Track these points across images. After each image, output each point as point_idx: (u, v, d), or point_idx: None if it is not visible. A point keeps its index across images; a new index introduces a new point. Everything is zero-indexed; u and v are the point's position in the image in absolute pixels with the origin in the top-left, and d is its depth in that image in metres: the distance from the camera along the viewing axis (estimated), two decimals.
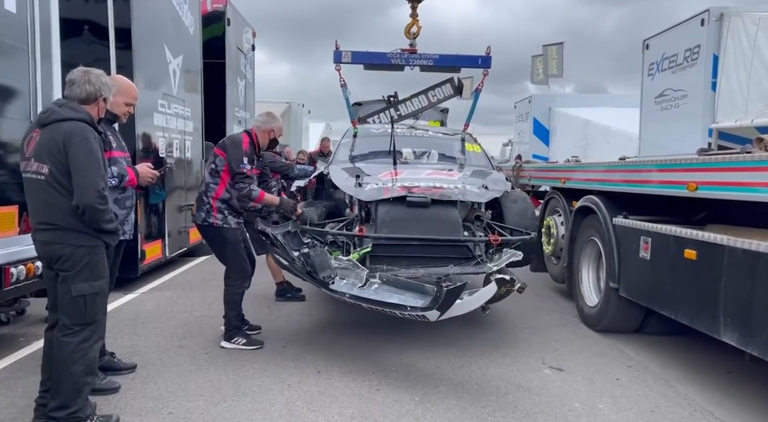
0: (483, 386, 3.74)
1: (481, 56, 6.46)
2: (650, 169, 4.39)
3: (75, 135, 2.78)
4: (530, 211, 4.97)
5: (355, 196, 4.72)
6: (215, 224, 4.24)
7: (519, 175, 7.48)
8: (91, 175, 2.78)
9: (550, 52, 28.54)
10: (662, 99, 8.52)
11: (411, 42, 6.63)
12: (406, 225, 4.33)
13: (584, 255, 5.52)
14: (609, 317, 4.90)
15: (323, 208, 5.09)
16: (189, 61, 7.73)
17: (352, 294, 3.77)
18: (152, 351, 4.24)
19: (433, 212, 4.41)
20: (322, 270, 3.89)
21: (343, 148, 6.32)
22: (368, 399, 3.47)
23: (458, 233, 4.37)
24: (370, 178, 4.94)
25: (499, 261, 4.16)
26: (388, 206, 4.46)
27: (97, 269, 2.90)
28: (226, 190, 4.24)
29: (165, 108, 6.88)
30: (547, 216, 6.68)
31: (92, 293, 2.87)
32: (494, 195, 4.80)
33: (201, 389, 3.55)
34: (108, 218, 2.88)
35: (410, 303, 3.53)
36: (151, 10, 6.53)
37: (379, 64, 6.69)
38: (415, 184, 4.71)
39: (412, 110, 6.80)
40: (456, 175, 5.16)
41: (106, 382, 3.48)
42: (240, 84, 10.39)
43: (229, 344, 4.33)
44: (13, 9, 4.15)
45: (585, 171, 5.64)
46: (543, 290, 6.75)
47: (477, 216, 4.75)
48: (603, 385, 3.84)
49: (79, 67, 3.02)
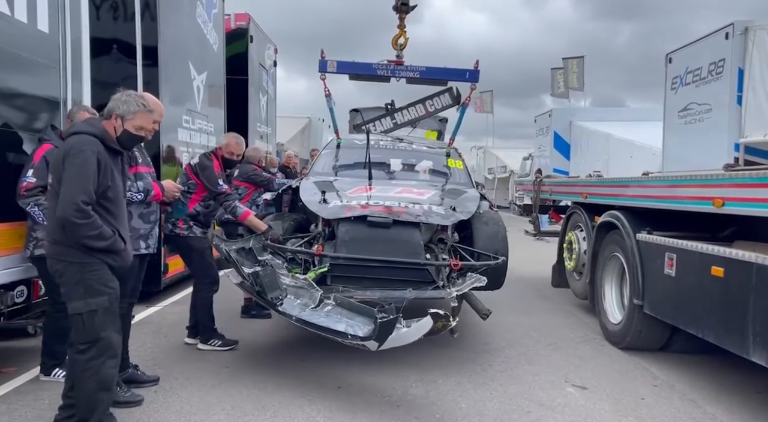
0: (505, 404, 3.70)
1: (468, 70, 6.31)
2: (675, 185, 4.33)
3: (74, 147, 2.78)
4: (501, 234, 4.72)
5: (317, 212, 4.63)
6: (181, 234, 4.52)
7: (539, 190, 7.42)
8: (74, 187, 2.72)
9: (571, 65, 28.48)
10: (686, 113, 8.40)
11: (398, 53, 6.55)
12: (365, 246, 4.19)
13: (607, 271, 5.46)
14: (633, 334, 4.81)
15: (291, 222, 5.00)
16: (213, 78, 7.87)
17: (297, 317, 3.67)
18: (174, 364, 4.28)
19: (395, 233, 4.27)
20: (270, 291, 3.80)
21: (323, 159, 6.24)
22: (389, 416, 3.46)
23: (419, 255, 4.21)
24: (336, 193, 4.84)
25: (462, 287, 3.99)
26: (349, 225, 4.35)
27: (92, 286, 2.81)
28: (195, 208, 4.55)
29: (189, 123, 7.00)
30: (569, 231, 6.63)
31: (89, 311, 2.79)
32: (461, 217, 4.64)
33: (222, 403, 3.57)
34: (91, 234, 2.75)
35: (352, 332, 3.43)
36: (176, 28, 6.68)
37: (364, 74, 6.62)
38: (380, 202, 4.59)
39: (408, 119, 6.76)
40: (426, 194, 4.97)
41: (130, 395, 3.51)
42: (262, 99, 10.52)
43: (207, 346, 4.59)
44: (46, 29, 4.27)
45: (607, 186, 5.59)
46: (565, 306, 6.68)
47: (440, 238, 4.62)
48: (628, 404, 3.77)
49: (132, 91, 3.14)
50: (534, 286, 7.90)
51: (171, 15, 6.47)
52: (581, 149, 17.27)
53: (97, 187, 2.79)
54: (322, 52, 6.33)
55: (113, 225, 2.87)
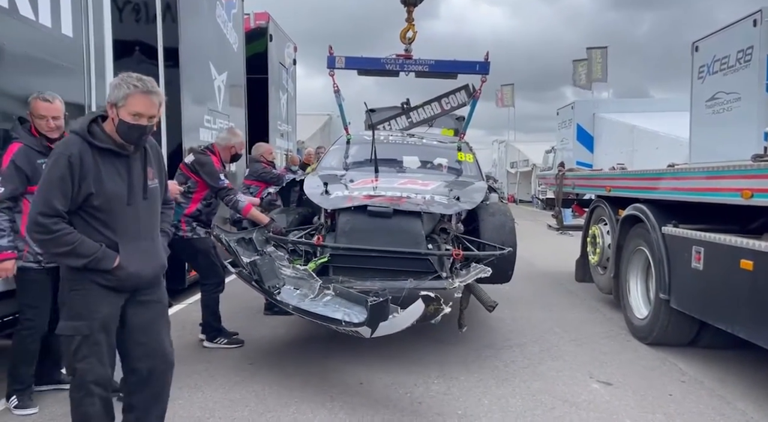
0: (528, 400, 3.67)
1: (479, 62, 6.18)
2: (701, 176, 4.23)
3: (55, 149, 2.46)
4: (508, 225, 4.63)
5: (318, 203, 4.63)
6: (184, 236, 4.51)
7: (562, 183, 7.33)
8: (36, 197, 2.36)
9: (595, 56, 28.10)
10: (714, 102, 8.21)
11: (406, 47, 6.44)
12: (366, 236, 4.17)
13: (632, 265, 5.37)
14: (660, 329, 4.73)
15: (296, 215, 5.01)
16: (233, 77, 7.93)
17: (294, 305, 3.67)
18: (199, 361, 4.33)
19: (395, 223, 4.22)
20: (268, 280, 3.81)
21: (331, 155, 6.24)
22: (410, 412, 3.45)
23: (420, 246, 4.15)
24: (338, 185, 4.82)
25: (466, 277, 3.95)
26: (349, 215, 4.31)
27: (74, 308, 2.42)
28: (197, 208, 4.56)
29: (210, 123, 7.07)
30: (593, 225, 6.54)
31: (68, 335, 2.43)
32: (464, 207, 4.58)
33: (246, 399, 3.60)
34: (60, 251, 2.35)
35: (347, 319, 3.40)
36: (197, 29, 6.74)
37: (372, 69, 6.55)
38: (382, 193, 4.55)
39: (424, 117, 6.70)
40: (431, 185, 4.90)
41: None
42: (282, 98, 10.58)
43: (212, 344, 4.65)
44: (70, 33, 4.35)
45: (631, 178, 5.49)
46: (589, 301, 6.59)
47: (443, 228, 4.56)
48: (655, 401, 3.71)
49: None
50: (558, 281, 7.82)
51: (191, 16, 6.53)
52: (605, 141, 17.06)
53: (77, 195, 2.34)
54: (330, 49, 6.33)
55: (108, 237, 2.41)
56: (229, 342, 4.66)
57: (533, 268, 9.07)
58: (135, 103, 2.40)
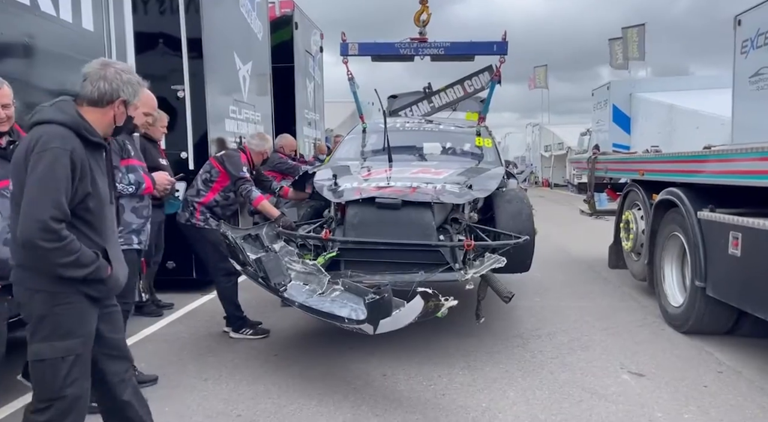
0: (555, 392, 3.57)
1: (496, 42, 5.93)
2: (738, 158, 4.02)
3: (39, 144, 2.07)
4: (525, 213, 4.46)
5: (326, 197, 4.53)
6: (197, 225, 4.57)
7: (594, 167, 7.11)
8: (39, 199, 2.03)
9: (630, 35, 27.21)
10: (758, 78, 7.81)
11: (421, 30, 6.25)
12: (374, 229, 4.07)
13: (667, 252, 5.17)
14: (696, 318, 4.55)
15: (308, 208, 4.94)
16: (258, 67, 7.92)
17: (300, 303, 3.61)
18: (225, 351, 4.37)
19: (405, 214, 4.10)
20: (274, 277, 3.75)
21: (346, 145, 6.13)
22: (433, 405, 3.41)
23: (430, 237, 4.03)
24: (348, 177, 4.72)
25: (480, 268, 3.82)
26: (357, 208, 4.20)
27: (62, 325, 2.12)
28: (214, 198, 4.60)
29: (236, 114, 7.08)
30: (626, 210, 6.33)
31: (53, 358, 2.11)
32: (477, 195, 4.42)
33: (269, 391, 3.61)
34: (64, 261, 2.06)
35: (354, 316, 3.32)
36: (220, 20, 6.73)
37: (386, 55, 6.39)
38: (392, 183, 4.43)
39: (447, 101, 6.53)
40: (444, 174, 4.73)
41: None
42: (309, 86, 10.55)
43: (238, 334, 4.67)
44: (91, 28, 4.39)
45: (665, 161, 5.27)
46: (623, 288, 6.40)
47: (454, 218, 4.40)
48: (689, 393, 3.57)
49: (99, 58, 2.34)
50: (591, 267, 7.62)
51: (214, 7, 6.51)
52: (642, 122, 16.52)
53: (73, 196, 2.10)
54: (342, 35, 6.23)
55: (97, 243, 2.19)
56: (254, 333, 4.68)
57: (567, 254, 8.88)
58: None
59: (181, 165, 6.00)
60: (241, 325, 4.69)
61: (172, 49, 6.16)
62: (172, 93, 6.16)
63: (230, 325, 4.76)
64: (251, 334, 4.66)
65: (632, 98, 17.22)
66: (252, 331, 4.68)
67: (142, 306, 5.38)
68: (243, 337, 4.64)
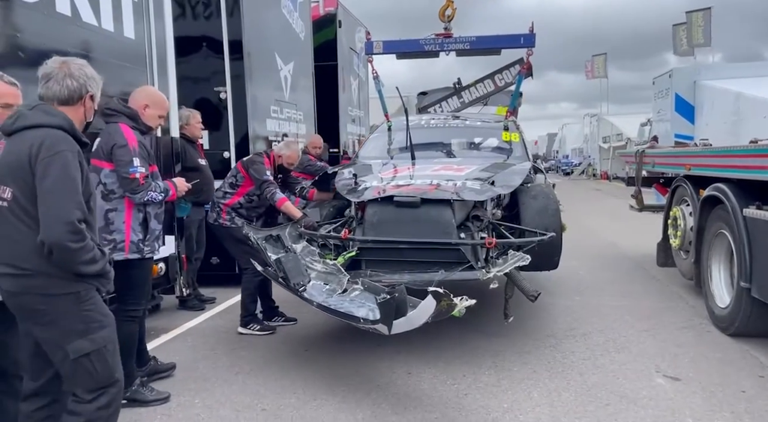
0: (581, 395, 3.49)
1: (523, 35, 5.80)
2: None
3: (45, 148, 2.13)
4: (551, 208, 4.34)
5: (346, 196, 4.55)
6: (224, 224, 4.75)
7: (641, 161, 6.85)
8: (61, 201, 2.11)
9: (695, 19, 25.93)
10: None
11: (446, 25, 6.20)
12: (393, 227, 4.06)
13: (714, 250, 4.94)
14: (742, 320, 4.33)
15: (331, 208, 4.97)
16: (300, 66, 8.05)
17: (318, 303, 3.63)
18: (258, 346, 4.49)
19: (424, 212, 4.06)
20: (293, 277, 3.79)
21: (371, 143, 6.13)
22: (454, 404, 3.40)
23: (450, 235, 3.98)
24: (368, 176, 4.71)
25: (503, 267, 3.74)
26: (377, 207, 4.19)
27: (94, 319, 2.27)
28: (238, 201, 4.77)
29: (277, 113, 7.23)
30: (674, 206, 6.08)
31: (96, 349, 2.25)
32: (499, 191, 4.33)
33: (295, 386, 3.70)
34: (86, 258, 2.17)
35: (371, 316, 3.30)
36: (262, 22, 6.88)
37: (411, 52, 6.37)
38: (412, 181, 4.40)
39: (477, 96, 6.42)
40: (466, 170, 4.66)
41: (155, 393, 3.50)
42: (353, 83, 10.63)
43: (245, 330, 4.79)
44: (132, 36, 4.59)
45: (712, 156, 5.02)
46: (671, 287, 6.16)
47: (476, 215, 4.32)
48: (725, 398, 3.41)
49: (54, 58, 2.37)
50: (640, 265, 7.36)
51: (255, 9, 6.67)
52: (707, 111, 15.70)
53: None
54: (367, 34, 6.26)
55: (94, 240, 2.27)
56: (261, 329, 4.78)
57: (615, 250, 8.61)
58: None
59: (224, 164, 6.19)
60: (250, 321, 4.80)
61: (214, 51, 6.36)
62: (214, 94, 6.37)
63: (270, 319, 4.92)
64: (258, 330, 4.76)
65: (696, 86, 16.38)
66: (259, 327, 4.78)
67: (185, 301, 5.61)
68: (250, 333, 4.75)
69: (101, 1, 4.19)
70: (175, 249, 5.02)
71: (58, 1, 3.77)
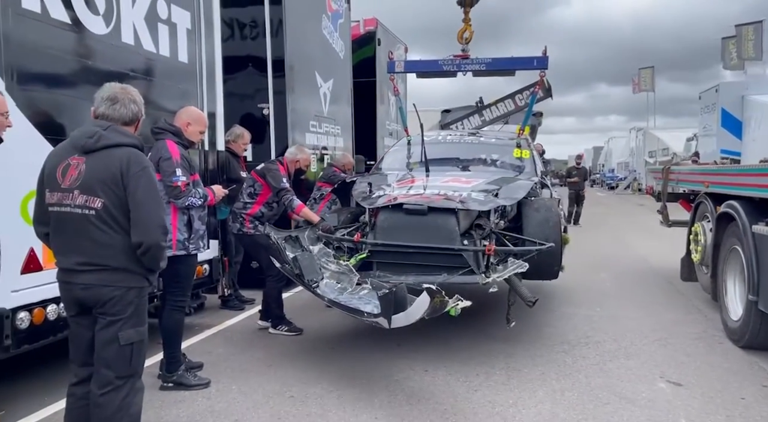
0: (584, 394, 3.75)
1: (537, 57, 6.10)
2: None
3: (134, 164, 2.49)
4: (552, 221, 4.61)
5: (360, 203, 4.93)
6: (248, 232, 5.05)
7: (667, 178, 7.00)
8: (155, 209, 2.55)
9: (746, 33, 25.34)
10: None
11: (463, 47, 6.48)
12: (401, 233, 4.38)
13: (729, 265, 5.09)
14: (751, 332, 4.49)
15: (348, 214, 5.34)
16: (339, 84, 8.52)
17: (330, 298, 4.03)
18: (290, 343, 4.90)
19: (430, 220, 4.36)
20: (308, 274, 4.20)
21: (390, 157, 6.49)
22: (464, 398, 3.71)
23: (453, 242, 4.28)
24: (383, 186, 5.06)
25: (503, 273, 4.03)
26: (387, 213, 4.52)
27: (143, 314, 2.63)
28: (260, 210, 5.07)
29: (316, 128, 7.70)
30: (697, 221, 6.21)
31: (139, 340, 2.58)
32: (501, 203, 4.63)
33: (320, 378, 4.08)
34: (164, 255, 2.66)
35: (371, 311, 3.65)
36: (303, 42, 7.38)
37: (430, 71, 6.70)
38: (421, 191, 4.73)
39: (497, 115, 6.67)
40: (473, 182, 4.98)
41: (197, 379, 3.93)
42: (392, 98, 11.05)
43: (275, 330, 5.13)
44: (185, 60, 5.11)
45: (725, 174, 5.19)
46: (693, 301, 6.28)
47: (478, 224, 4.59)
48: (723, 403, 3.61)
49: (114, 83, 2.70)
50: (667, 280, 7.46)
51: (297, 30, 7.16)
52: (755, 126, 15.46)
53: None
54: (390, 54, 6.61)
55: None
56: (289, 330, 5.12)
57: (645, 264, 8.69)
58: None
59: None
60: (279, 323, 5.16)
61: (258, 69, 6.89)
62: (258, 110, 6.89)
63: (266, 320, 5.27)
64: (286, 331, 5.11)
65: (744, 101, 16.15)
66: (287, 328, 5.13)
67: (227, 300, 6.10)
68: (279, 333, 5.10)
69: (160, 30, 4.72)
70: (218, 253, 5.52)
71: (123, 33, 4.31)
